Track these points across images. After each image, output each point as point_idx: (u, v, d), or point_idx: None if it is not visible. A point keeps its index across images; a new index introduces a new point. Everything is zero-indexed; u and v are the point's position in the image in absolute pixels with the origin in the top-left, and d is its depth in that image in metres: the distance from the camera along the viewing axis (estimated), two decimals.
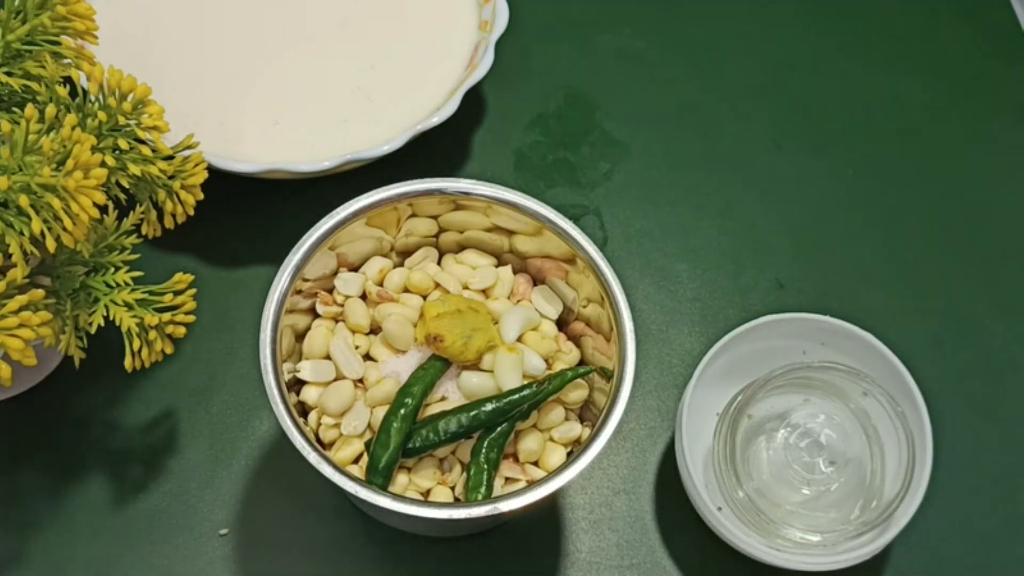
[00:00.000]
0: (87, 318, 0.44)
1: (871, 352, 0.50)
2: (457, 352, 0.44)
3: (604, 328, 0.46)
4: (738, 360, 0.51)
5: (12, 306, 0.39)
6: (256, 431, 0.52)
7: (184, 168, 0.46)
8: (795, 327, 0.51)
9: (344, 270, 0.48)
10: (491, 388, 0.45)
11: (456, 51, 0.60)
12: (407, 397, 0.44)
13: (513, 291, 0.48)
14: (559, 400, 0.46)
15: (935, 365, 0.54)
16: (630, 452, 0.53)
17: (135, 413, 0.52)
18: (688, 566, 0.50)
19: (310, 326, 0.47)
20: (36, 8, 0.42)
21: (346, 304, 0.47)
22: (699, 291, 0.58)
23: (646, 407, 0.54)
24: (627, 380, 0.43)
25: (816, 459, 0.48)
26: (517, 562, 0.50)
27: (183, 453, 0.51)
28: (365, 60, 0.59)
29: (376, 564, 0.50)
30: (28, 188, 0.38)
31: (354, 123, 0.57)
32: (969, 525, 0.52)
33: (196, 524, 0.50)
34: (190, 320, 0.45)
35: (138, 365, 0.44)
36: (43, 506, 0.50)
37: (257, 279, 0.55)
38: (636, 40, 0.66)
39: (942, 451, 0.48)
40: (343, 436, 0.45)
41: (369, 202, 0.46)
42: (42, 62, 0.42)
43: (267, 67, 0.59)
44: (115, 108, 0.42)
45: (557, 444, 0.46)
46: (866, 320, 0.50)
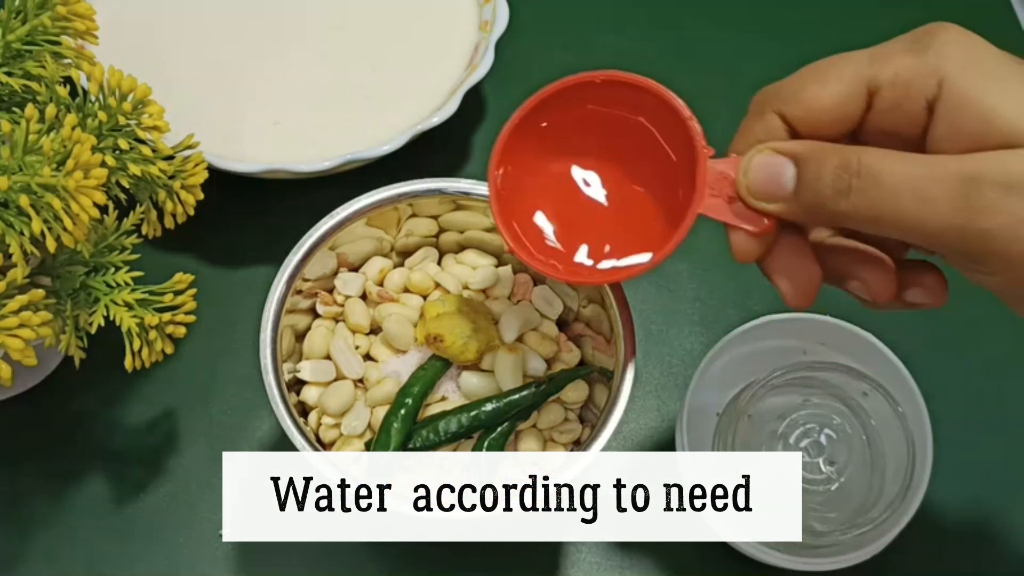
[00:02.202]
0: (87, 318, 0.44)
1: (871, 352, 0.50)
2: (457, 352, 0.44)
3: (604, 328, 0.46)
4: (738, 360, 0.51)
5: (12, 306, 0.39)
6: (256, 431, 0.52)
7: (184, 168, 0.46)
8: (795, 327, 0.51)
9: (344, 270, 0.48)
10: (491, 388, 0.45)
11: (456, 51, 0.60)
12: (407, 397, 0.44)
13: (513, 291, 0.48)
14: (559, 400, 0.46)
15: (935, 365, 0.54)
16: (630, 452, 0.53)
17: (135, 413, 0.52)
18: (688, 566, 0.50)
19: (310, 326, 0.47)
20: (36, 8, 0.42)
21: (346, 304, 0.47)
22: (699, 291, 0.58)
23: (646, 407, 0.54)
24: (627, 380, 0.43)
25: (816, 459, 0.48)
26: (517, 562, 0.50)
27: (183, 453, 0.51)
28: (365, 60, 0.59)
29: (375, 565, 0.50)
30: (28, 188, 0.38)
31: (354, 123, 0.57)
32: (969, 526, 0.52)
33: (196, 524, 0.50)
34: (190, 320, 0.45)
35: (138, 365, 0.44)
36: (43, 506, 0.50)
37: (257, 279, 0.55)
38: (636, 40, 0.66)
39: (942, 451, 0.48)
40: (343, 436, 0.45)
41: (369, 202, 0.46)
42: (42, 62, 0.42)
43: (267, 67, 0.59)
44: (115, 108, 0.42)
45: (557, 444, 0.46)
46: (866, 320, 0.50)
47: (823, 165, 0.33)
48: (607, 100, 0.38)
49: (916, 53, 0.33)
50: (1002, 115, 0.32)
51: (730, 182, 0.35)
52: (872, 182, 0.32)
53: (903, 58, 0.34)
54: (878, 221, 0.33)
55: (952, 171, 0.31)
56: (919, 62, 0.33)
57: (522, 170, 0.39)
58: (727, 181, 0.35)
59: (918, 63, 0.33)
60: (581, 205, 0.39)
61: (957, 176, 0.31)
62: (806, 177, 0.34)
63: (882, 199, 0.32)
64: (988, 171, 0.31)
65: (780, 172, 0.34)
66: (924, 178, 0.32)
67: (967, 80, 0.32)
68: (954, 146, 0.33)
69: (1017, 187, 0.31)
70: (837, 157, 0.33)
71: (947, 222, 0.32)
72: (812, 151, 0.34)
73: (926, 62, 0.33)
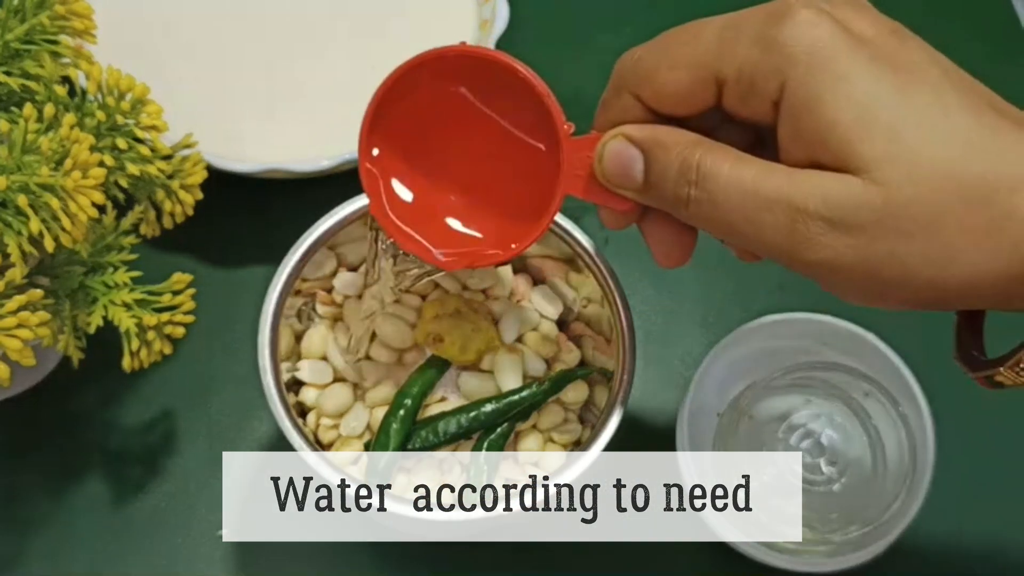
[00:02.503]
0: (86, 318, 0.44)
1: (873, 352, 0.50)
2: (456, 353, 0.44)
3: (604, 328, 0.45)
4: (739, 361, 0.51)
5: (11, 306, 0.39)
6: (255, 431, 0.52)
7: (183, 168, 0.45)
8: (797, 327, 0.51)
9: (343, 270, 0.48)
10: (491, 389, 0.45)
11: None
12: (406, 398, 0.44)
13: (513, 291, 0.48)
14: (559, 400, 0.46)
15: (937, 366, 0.53)
16: (630, 452, 0.53)
17: (134, 413, 0.52)
18: (688, 566, 0.50)
19: (309, 327, 0.47)
20: (35, 7, 0.42)
21: (345, 304, 0.47)
22: (700, 291, 0.58)
23: (646, 407, 0.54)
24: (627, 380, 0.43)
25: (817, 460, 0.48)
26: (517, 562, 0.50)
27: (182, 453, 0.51)
28: (365, 60, 0.59)
29: (375, 565, 0.50)
30: (26, 188, 0.38)
31: (354, 123, 0.57)
32: (971, 526, 0.52)
33: (195, 524, 0.50)
34: (189, 320, 0.45)
35: (137, 365, 0.44)
36: (42, 506, 0.50)
37: (256, 279, 0.55)
38: (636, 40, 0.66)
39: (944, 452, 0.47)
40: (342, 437, 0.45)
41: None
42: (40, 61, 0.42)
43: (267, 66, 0.59)
44: (113, 107, 0.42)
45: (557, 445, 0.46)
46: (868, 320, 0.50)
47: (667, 166, 0.33)
48: (470, 79, 0.37)
49: (762, 46, 0.31)
50: (837, 132, 0.30)
51: (591, 160, 0.35)
52: (707, 198, 0.32)
53: (748, 50, 0.31)
54: (717, 232, 0.33)
55: (782, 196, 0.30)
56: (762, 59, 0.31)
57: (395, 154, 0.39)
58: (589, 160, 0.35)
59: (761, 59, 0.31)
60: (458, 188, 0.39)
61: (785, 204, 0.30)
62: (652, 172, 0.33)
63: (717, 216, 0.32)
64: (812, 202, 0.30)
65: (630, 164, 0.34)
66: (755, 201, 0.31)
67: (808, 86, 0.30)
68: (795, 152, 0.31)
69: (837, 223, 0.30)
70: (679, 157, 0.32)
71: (775, 247, 0.31)
72: (657, 144, 0.33)
73: (769, 60, 0.31)
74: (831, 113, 0.30)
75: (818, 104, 0.30)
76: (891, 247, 0.30)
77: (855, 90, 0.30)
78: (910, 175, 0.29)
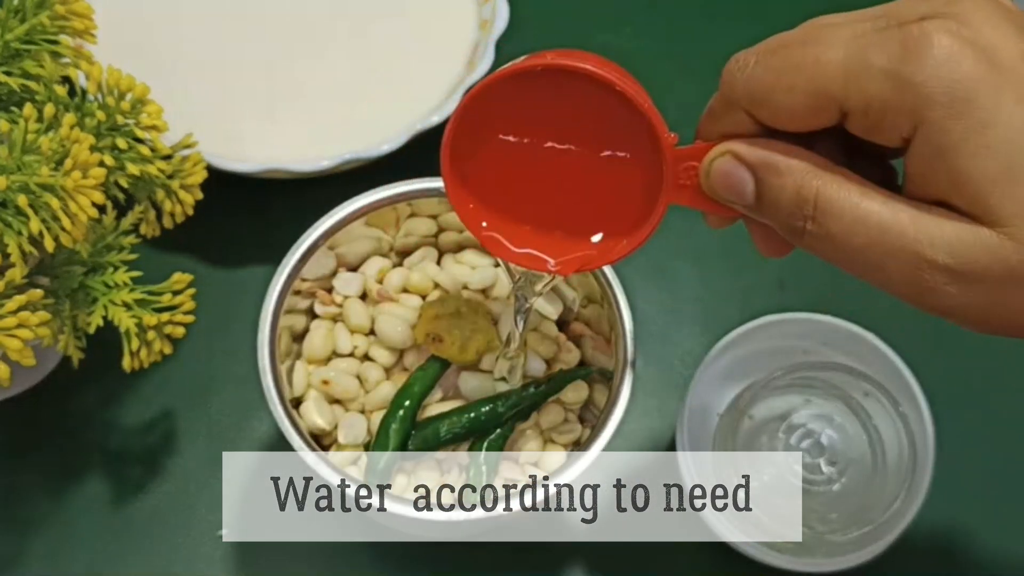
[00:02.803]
0: (86, 318, 0.44)
1: (873, 352, 0.50)
2: (456, 353, 0.44)
3: (604, 328, 0.45)
4: (739, 360, 0.51)
5: (11, 306, 0.39)
6: (255, 431, 0.52)
7: (183, 167, 0.45)
8: (797, 327, 0.51)
9: (343, 270, 0.48)
10: (491, 389, 0.45)
11: (456, 51, 0.60)
12: (406, 398, 0.44)
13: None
14: (559, 400, 0.46)
15: (937, 366, 0.53)
16: (630, 452, 0.53)
17: (134, 413, 0.52)
18: (688, 566, 0.50)
19: (308, 327, 0.47)
20: (35, 7, 0.42)
21: (345, 304, 0.47)
22: (700, 291, 0.58)
23: (646, 407, 0.54)
24: (627, 380, 0.43)
25: (817, 460, 0.48)
26: (517, 562, 0.50)
27: (182, 453, 0.51)
28: (365, 59, 0.59)
29: (375, 566, 0.49)
30: (27, 188, 0.38)
31: (353, 123, 0.57)
32: (971, 526, 0.52)
33: (195, 524, 0.50)
34: (189, 320, 0.45)
35: (137, 365, 0.44)
36: (42, 506, 0.50)
37: (256, 279, 0.55)
38: (636, 40, 0.66)
39: (944, 452, 0.47)
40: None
41: (368, 202, 0.46)
42: (41, 61, 0.42)
43: (267, 66, 0.59)
44: (114, 107, 0.42)
45: (557, 444, 0.46)
46: (868, 320, 0.50)
47: (780, 193, 0.31)
48: (556, 86, 0.35)
49: (895, 83, 0.29)
50: (974, 182, 0.28)
51: (696, 171, 0.34)
52: (825, 234, 0.31)
53: (879, 86, 0.29)
54: (833, 263, 0.32)
55: (907, 243, 0.29)
56: (894, 97, 0.29)
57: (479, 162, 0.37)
58: (694, 170, 0.34)
59: (893, 97, 0.29)
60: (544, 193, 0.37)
61: (910, 253, 0.29)
62: (765, 197, 0.32)
63: (835, 255, 0.31)
64: (939, 253, 0.29)
65: (739, 185, 0.32)
66: (879, 248, 0.30)
67: (947, 132, 0.28)
68: (923, 188, 0.30)
69: (965, 275, 0.29)
70: (794, 186, 0.31)
71: (898, 291, 0.30)
72: (769, 168, 0.32)
73: (903, 99, 0.29)
74: (969, 163, 0.28)
75: (956, 153, 0.28)
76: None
77: (998, 140, 0.28)
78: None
